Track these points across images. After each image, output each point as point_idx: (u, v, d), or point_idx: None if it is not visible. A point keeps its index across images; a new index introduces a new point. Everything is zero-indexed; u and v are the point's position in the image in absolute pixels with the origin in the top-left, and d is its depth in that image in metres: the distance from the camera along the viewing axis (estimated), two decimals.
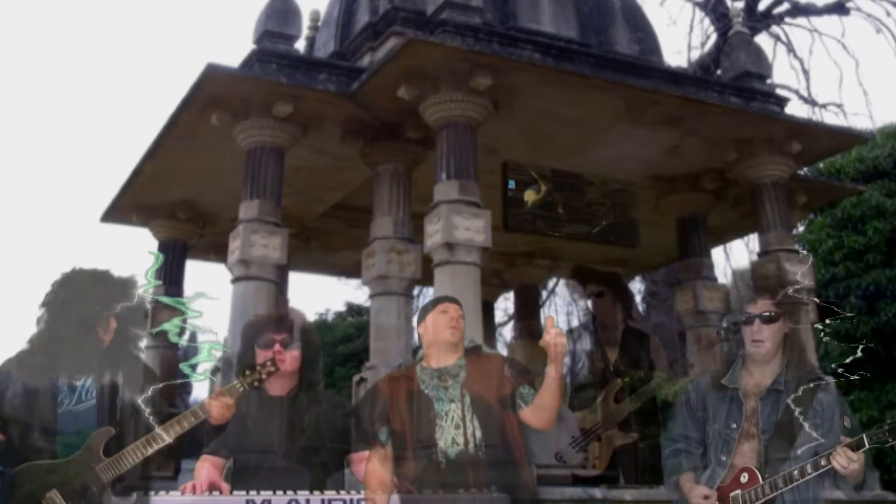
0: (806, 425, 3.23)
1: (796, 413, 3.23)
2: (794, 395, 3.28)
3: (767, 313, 3.32)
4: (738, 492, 3.22)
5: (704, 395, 3.45)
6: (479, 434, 3.30)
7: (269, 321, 3.53)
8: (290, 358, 3.39)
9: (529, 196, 8.26)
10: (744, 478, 3.23)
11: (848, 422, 3.28)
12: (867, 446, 3.02)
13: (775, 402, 3.29)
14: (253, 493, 2.94)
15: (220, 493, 2.97)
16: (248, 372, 3.14)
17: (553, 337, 3.20)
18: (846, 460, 2.99)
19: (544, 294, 18.23)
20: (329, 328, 20.17)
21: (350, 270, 10.93)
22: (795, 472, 3.12)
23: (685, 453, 3.45)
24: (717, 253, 13.48)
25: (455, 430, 3.30)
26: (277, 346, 3.36)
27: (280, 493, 2.93)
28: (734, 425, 3.31)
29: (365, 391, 3.62)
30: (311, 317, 20.54)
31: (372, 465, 3.22)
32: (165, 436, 3.03)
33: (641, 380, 7.19)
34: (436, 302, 3.69)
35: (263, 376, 3.14)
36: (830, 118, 16.55)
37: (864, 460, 3.05)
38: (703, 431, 3.42)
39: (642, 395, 6.99)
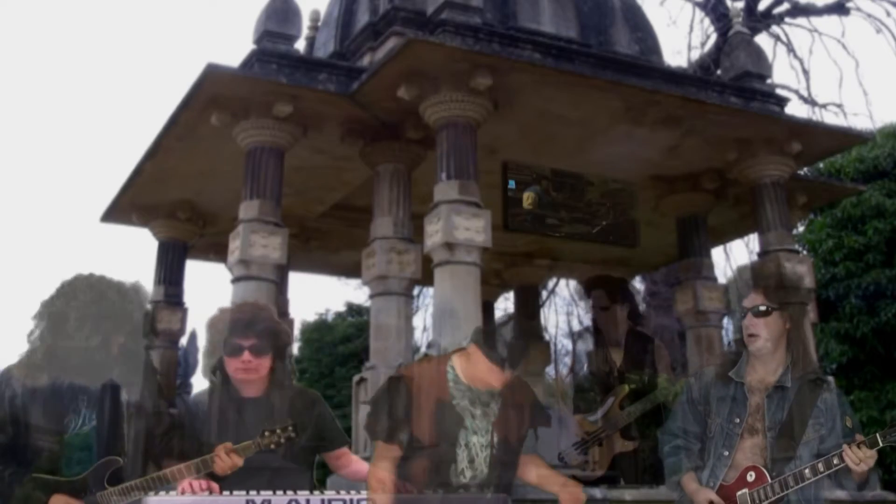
0: (810, 425, 3.23)
1: (801, 412, 3.22)
2: (798, 395, 3.27)
3: (758, 307, 3.31)
4: (746, 491, 3.18)
5: (708, 388, 3.42)
6: (494, 473, 3.18)
7: (234, 324, 3.31)
8: (260, 365, 3.27)
9: (526, 199, 8.27)
10: (750, 476, 3.20)
11: (850, 422, 3.27)
12: (881, 445, 3.01)
13: (781, 400, 3.28)
14: (253, 493, 2.93)
15: (213, 493, 2.95)
16: (266, 434, 3.03)
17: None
18: (858, 458, 2.98)
19: (544, 294, 18.24)
20: (329, 328, 20.16)
21: (350, 270, 10.92)
22: (807, 471, 3.10)
23: (685, 451, 3.42)
24: (717, 253, 13.49)
25: (468, 464, 3.17)
26: (246, 355, 3.23)
27: (280, 493, 2.93)
28: (737, 420, 3.29)
29: (385, 383, 3.43)
30: (311, 316, 20.47)
31: (383, 465, 3.17)
32: (172, 480, 2.98)
33: (646, 385, 7.19)
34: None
35: (282, 441, 3.03)
36: (830, 118, 16.57)
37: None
38: (703, 425, 3.39)
39: (646, 403, 6.99)
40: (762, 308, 3.31)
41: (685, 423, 3.46)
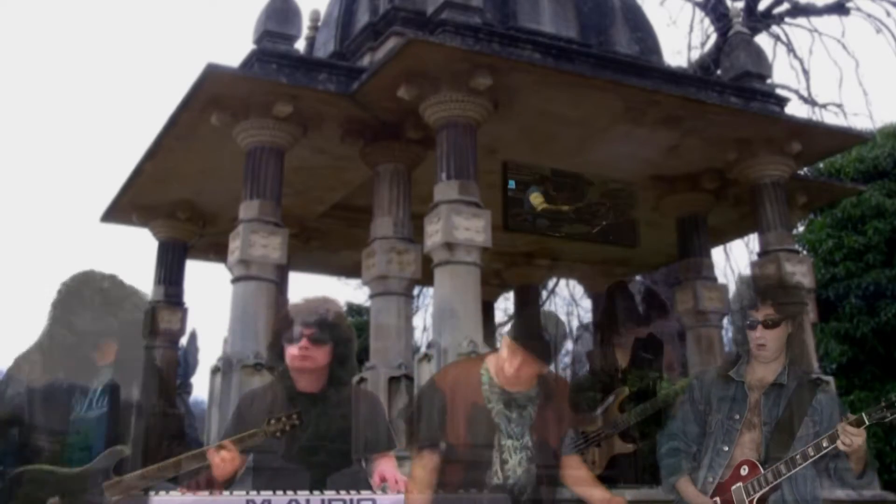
0: (805, 421, 3.27)
1: (796, 409, 3.26)
2: (794, 393, 3.32)
3: (769, 319, 3.36)
4: (740, 484, 3.23)
5: (709, 388, 3.48)
6: (532, 478, 3.17)
7: (299, 313, 3.33)
8: (319, 354, 3.27)
9: (536, 200, 8.27)
10: (744, 470, 3.25)
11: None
12: (867, 423, 3.06)
13: (777, 397, 3.34)
14: (253, 493, 2.93)
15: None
16: (272, 421, 3.02)
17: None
18: (849, 436, 3.01)
19: (544, 294, 18.24)
20: None
21: (350, 270, 10.92)
22: (798, 457, 3.15)
23: (684, 453, 3.46)
24: (717, 253, 13.49)
25: (500, 466, 3.18)
26: (304, 342, 3.24)
27: (280, 493, 2.93)
28: (737, 416, 3.34)
29: (424, 386, 3.43)
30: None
31: (422, 470, 3.15)
32: (173, 471, 2.98)
33: (648, 388, 7.19)
34: (517, 331, 3.31)
35: (287, 429, 3.01)
36: (830, 118, 16.57)
37: (867, 448, 3.08)
38: (702, 426, 3.44)
39: (647, 408, 6.98)
40: (772, 320, 3.35)
41: (685, 423, 3.50)
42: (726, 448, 3.32)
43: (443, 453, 3.17)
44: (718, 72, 10.95)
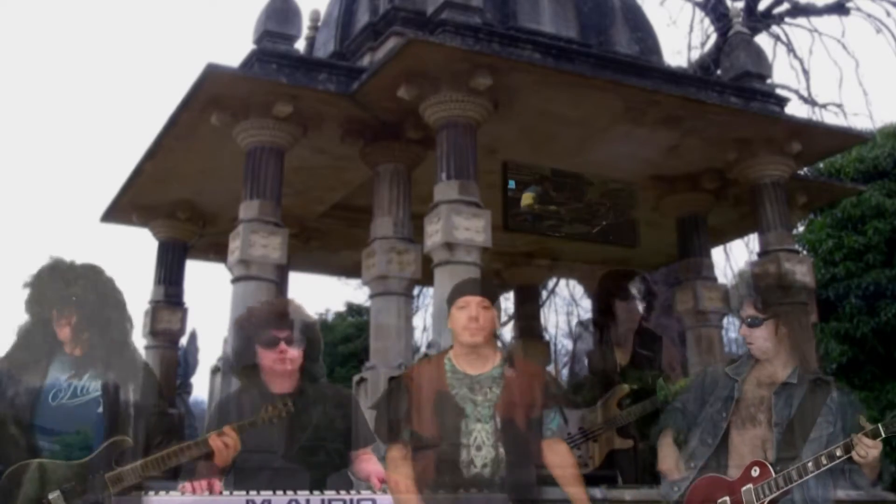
0: (817, 423, 3.27)
1: (808, 410, 3.27)
2: (806, 394, 3.32)
3: (749, 318, 3.40)
4: (751, 486, 3.22)
5: (715, 381, 3.54)
6: (501, 460, 3.15)
7: (269, 317, 3.39)
8: (296, 357, 3.32)
9: (526, 199, 8.27)
10: (755, 472, 3.24)
11: (863, 420, 3.29)
12: (883, 435, 3.05)
13: (788, 397, 3.34)
14: (253, 493, 2.93)
15: (213, 492, 2.96)
16: (269, 408, 3.09)
17: None
18: (864, 448, 3.01)
19: (544, 294, 18.23)
20: (329, 328, 20.15)
21: (350, 270, 10.93)
22: (811, 464, 3.14)
23: (682, 415, 3.58)
24: (717, 253, 13.49)
25: (476, 452, 3.16)
26: (282, 345, 3.28)
27: (280, 493, 2.93)
28: (724, 414, 3.37)
29: (388, 384, 3.48)
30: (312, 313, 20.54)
31: (393, 467, 3.17)
32: (174, 461, 3.02)
33: (647, 389, 7.19)
34: (454, 295, 3.44)
35: (283, 414, 3.09)
36: (830, 118, 16.56)
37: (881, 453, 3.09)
38: (699, 412, 3.51)
39: (646, 405, 6.98)
40: (753, 319, 3.39)
41: (687, 402, 3.60)
42: (710, 440, 3.36)
43: (408, 442, 3.19)
44: (718, 72, 10.95)
